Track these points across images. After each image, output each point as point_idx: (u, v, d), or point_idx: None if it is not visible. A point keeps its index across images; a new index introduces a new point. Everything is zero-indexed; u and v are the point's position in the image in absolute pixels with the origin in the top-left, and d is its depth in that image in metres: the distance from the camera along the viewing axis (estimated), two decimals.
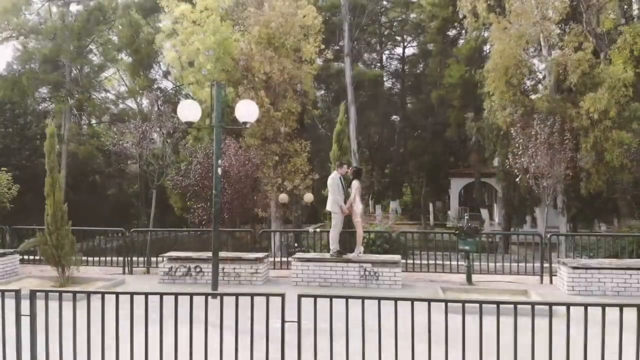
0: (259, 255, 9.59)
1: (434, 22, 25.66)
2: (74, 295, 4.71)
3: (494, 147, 17.52)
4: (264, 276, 9.43)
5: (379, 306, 4.24)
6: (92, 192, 30.85)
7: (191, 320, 4.36)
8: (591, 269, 8.65)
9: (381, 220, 22.28)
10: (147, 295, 4.48)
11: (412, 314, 4.18)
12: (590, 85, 16.95)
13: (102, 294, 4.56)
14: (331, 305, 4.33)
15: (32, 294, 4.73)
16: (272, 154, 18.85)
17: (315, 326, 4.26)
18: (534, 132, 12.18)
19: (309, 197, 19.86)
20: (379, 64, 33.86)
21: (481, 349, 4.12)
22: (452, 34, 27.98)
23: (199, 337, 4.30)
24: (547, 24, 17.22)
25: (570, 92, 17.30)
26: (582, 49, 16.75)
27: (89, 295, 4.63)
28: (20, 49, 26.46)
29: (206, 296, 4.48)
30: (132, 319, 4.46)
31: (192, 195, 13.36)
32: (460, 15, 20.03)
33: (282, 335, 4.28)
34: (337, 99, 28.87)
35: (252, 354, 4.25)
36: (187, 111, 8.21)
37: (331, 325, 4.29)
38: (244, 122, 8.35)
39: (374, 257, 9.27)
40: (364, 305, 4.21)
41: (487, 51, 19.75)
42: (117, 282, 9.40)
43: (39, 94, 27.61)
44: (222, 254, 8.85)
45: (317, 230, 11.47)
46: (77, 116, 26.69)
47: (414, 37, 32.38)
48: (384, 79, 35.03)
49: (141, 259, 11.38)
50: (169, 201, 31.07)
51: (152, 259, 11.28)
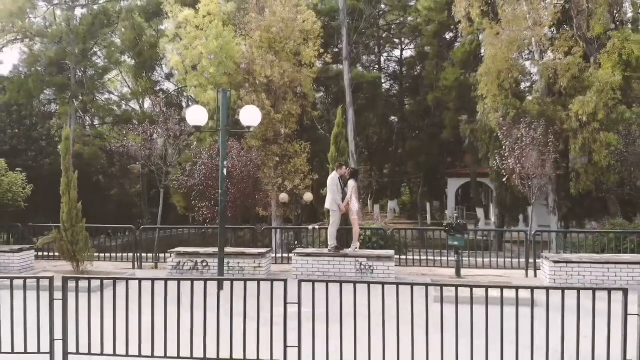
0: (262, 250, 10.20)
1: (431, 26, 26.30)
2: (102, 281, 5.33)
3: (487, 149, 18.14)
4: (266, 270, 10.04)
5: (369, 290, 4.88)
6: (96, 191, 31.37)
7: (205, 303, 5.00)
8: (571, 263, 9.28)
9: (379, 219, 22.92)
10: (166, 281, 5.11)
11: (398, 297, 4.82)
12: (580, 88, 17.55)
13: (127, 280, 5.19)
14: (327, 289, 4.97)
15: (64, 281, 5.36)
16: (273, 155, 19.46)
17: (313, 307, 4.89)
18: (520, 135, 12.83)
19: (308, 197, 20.48)
20: (377, 66, 34.48)
21: (472, 331, 4.75)
22: (448, 37, 28.59)
23: (212, 316, 4.94)
24: (538, 30, 17.83)
25: (560, 95, 17.91)
26: (572, 54, 17.36)
27: (115, 281, 5.26)
28: (26, 52, 27.07)
29: (219, 282, 5.11)
30: (152, 302, 5.09)
31: (196, 194, 13.97)
32: (455, 19, 20.66)
33: (285, 315, 4.90)
34: (336, 100, 29.48)
35: (258, 331, 4.88)
36: (195, 116, 8.82)
37: (327, 307, 4.92)
38: (248, 127, 8.97)
39: (369, 252, 9.89)
40: (355, 288, 4.84)
41: (482, 55, 20.31)
42: (129, 276, 9.99)
43: (44, 96, 28.20)
44: (226, 249, 9.45)
45: (317, 227, 12.08)
46: (82, 118, 27.25)
47: (411, 40, 33.01)
48: (383, 81, 35.64)
49: (148, 255, 12.02)
50: (171, 201, 31.69)
51: (159, 255, 11.94)
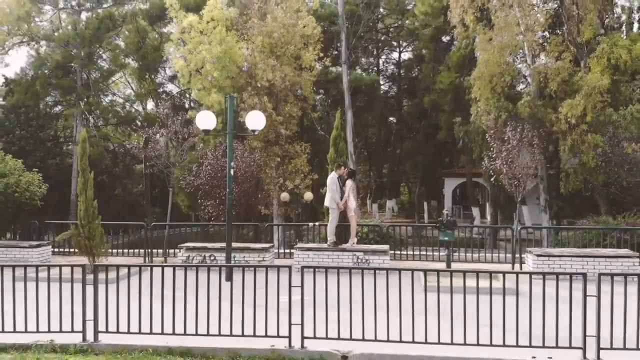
0: (265, 245, 10.93)
1: (427, 30, 27.00)
2: (129, 268, 6.07)
3: (480, 150, 18.84)
4: (270, 263, 10.74)
5: (362, 276, 5.63)
6: (100, 191, 32.02)
7: (220, 289, 5.76)
8: (553, 256, 10.01)
9: (377, 217, 23.63)
10: (186, 268, 5.84)
11: (387, 282, 5.56)
12: (569, 91, 18.26)
13: (151, 267, 5.91)
14: (326, 276, 5.72)
15: (96, 268, 6.08)
16: (275, 155, 20.16)
17: (314, 290, 5.64)
18: (506, 138, 13.53)
19: (308, 196, 21.21)
20: (375, 68, 35.19)
21: (465, 315, 5.50)
22: (445, 39, 29.26)
23: (226, 300, 5.69)
24: (530, 35, 18.54)
25: (551, 99, 18.60)
26: (562, 59, 18.08)
27: (140, 269, 5.99)
28: (33, 55, 27.76)
29: (231, 268, 5.85)
30: (173, 287, 5.83)
31: (202, 194, 14.68)
32: (450, 24, 21.36)
33: (289, 297, 5.64)
34: (335, 102, 30.19)
35: (266, 312, 5.63)
36: (205, 120, 9.54)
37: (326, 291, 5.66)
38: (253, 130, 9.69)
39: (365, 246, 10.61)
40: (351, 274, 5.59)
41: (476, 59, 20.96)
42: (137, 272, 10.69)
43: (50, 98, 28.89)
44: (232, 244, 10.15)
45: (317, 224, 12.80)
46: (88, 119, 27.94)
47: (409, 43, 33.72)
48: (381, 83, 36.35)
49: (155, 251, 12.72)
50: (173, 200, 32.35)
51: (168, 250, 12.67)
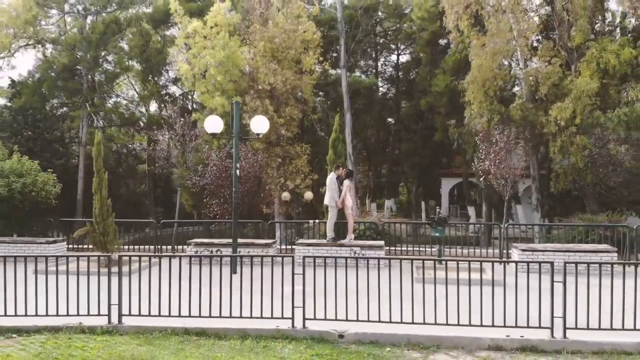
0: (268, 241, 11.66)
1: (424, 34, 27.69)
2: (149, 258, 6.79)
3: (473, 151, 19.56)
4: (272, 259, 11.45)
5: (357, 264, 6.36)
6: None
7: (231, 277, 6.48)
8: (536, 251, 10.74)
9: (374, 215, 24.35)
10: (201, 258, 6.57)
11: (379, 269, 6.27)
12: (560, 95, 18.98)
13: (169, 257, 6.64)
14: (325, 262, 6.45)
15: (120, 258, 6.81)
16: (276, 156, 20.87)
17: (314, 277, 6.37)
18: (494, 140, 14.25)
19: (308, 195, 21.93)
20: (374, 71, 35.90)
21: (447, 300, 6.23)
22: (443, 43, 29.93)
23: (236, 287, 6.42)
24: (522, 40, 19.26)
25: (542, 102, 19.32)
26: (552, 63, 18.80)
27: (160, 258, 6.71)
28: (41, 59, 28.50)
29: (241, 257, 6.60)
30: (190, 274, 6.56)
31: (208, 193, 15.39)
32: (446, 29, 22.07)
33: (292, 283, 6.37)
34: (334, 104, 30.90)
35: (272, 294, 6.36)
36: (213, 125, 10.27)
37: (325, 279, 6.39)
38: (258, 134, 10.42)
39: (362, 242, 11.34)
40: (346, 260, 6.32)
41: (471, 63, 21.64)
42: (153, 264, 11.42)
43: (57, 100, 29.61)
44: (238, 240, 10.87)
45: (317, 222, 13.52)
46: (93, 121, 28.65)
47: (407, 46, 34.43)
48: (380, 84, 37.07)
49: (165, 247, 13.45)
50: (175, 199, 33.10)
51: (176, 246, 13.40)
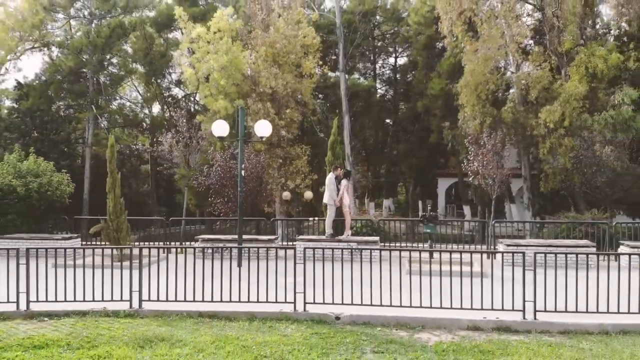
0: (271, 237, 12.45)
1: (421, 38, 28.48)
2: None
3: (466, 152, 20.36)
4: (275, 253, 12.25)
5: (352, 254, 7.15)
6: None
7: (240, 267, 7.28)
8: (520, 246, 11.52)
9: (372, 214, 25.10)
10: (213, 249, 7.37)
11: (371, 258, 7.07)
12: (549, 98, 19.77)
13: (184, 248, 7.44)
14: (324, 253, 7.25)
15: (140, 250, 7.60)
16: (277, 157, 21.66)
17: (314, 265, 7.17)
18: (482, 143, 15.05)
19: (308, 195, 22.73)
20: (372, 73, 36.72)
21: (430, 287, 7.02)
22: (438, 46, 30.72)
23: (244, 277, 7.22)
24: (513, 45, 20.05)
25: (532, 105, 20.12)
26: (542, 68, 19.59)
27: (177, 249, 7.51)
28: (48, 62, 29.31)
29: (248, 250, 7.39)
30: (205, 262, 7.37)
31: (213, 192, 16.18)
32: (441, 34, 22.86)
33: (295, 271, 7.17)
34: (333, 106, 31.71)
35: (276, 282, 7.16)
36: (219, 128, 11.07)
37: (323, 269, 7.20)
38: (261, 137, 11.22)
39: (358, 238, 12.11)
40: (342, 252, 7.11)
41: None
42: (162, 258, 12.21)
43: (63, 102, 30.40)
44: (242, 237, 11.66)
45: (316, 219, 14.32)
46: (98, 122, 29.45)
47: (404, 49, 35.23)
48: (378, 86, 37.89)
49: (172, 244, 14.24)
50: (177, 199, 33.96)
51: (183, 242, 14.20)
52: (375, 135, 39.59)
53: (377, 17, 33.30)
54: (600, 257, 11.66)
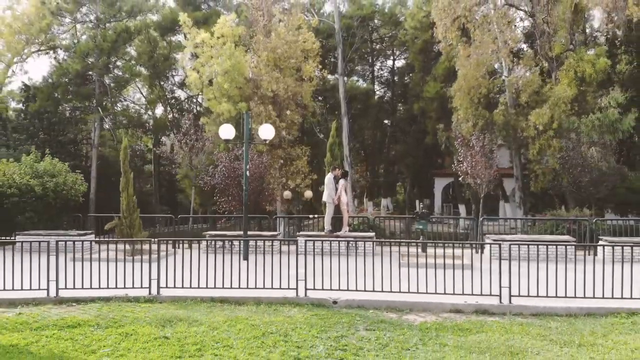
0: (274, 233, 13.31)
1: (417, 42, 29.33)
2: (183, 242, 8.43)
3: (457, 153, 21.21)
4: (278, 247, 13.12)
5: (347, 245, 8.02)
6: (114, 190, 34.53)
7: (248, 258, 8.13)
8: (506, 241, 12.36)
9: (370, 212, 26.01)
10: (224, 241, 8.22)
11: (364, 249, 7.93)
12: (539, 101, 20.62)
13: (199, 242, 8.28)
14: (322, 245, 8.11)
15: (159, 242, 8.46)
16: (278, 157, 22.49)
17: (314, 256, 8.03)
18: (471, 145, 15.90)
19: (308, 194, 23.58)
20: (370, 75, 37.61)
21: (417, 276, 7.88)
22: (434, 50, 31.55)
23: (251, 263, 8.07)
24: (505, 51, 20.89)
25: (523, 107, 20.97)
26: (532, 72, 20.44)
27: (190, 242, 8.36)
28: (55, 65, 30.17)
29: (256, 241, 8.25)
30: (215, 256, 8.21)
31: (218, 191, 17.02)
32: (436, 39, 23.71)
33: (297, 262, 8.02)
34: (333, 108, 32.58)
35: (280, 272, 8.02)
36: (226, 132, 11.92)
37: (322, 259, 8.06)
38: (264, 140, 12.08)
39: (355, 234, 12.98)
40: (338, 243, 7.98)
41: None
42: (171, 253, 13.06)
43: (69, 104, 31.23)
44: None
45: (316, 217, 15.18)
46: (103, 124, 30.29)
47: (402, 51, 36.10)
48: (376, 88, 38.78)
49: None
50: (179, 198, 34.83)
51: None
52: (373, 135, 40.47)
53: (375, 21, 34.16)
54: (577, 250, 12.58)
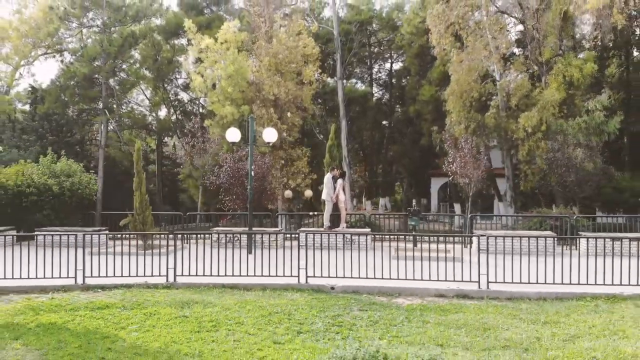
0: (277, 229, 14.27)
1: (414, 44, 30.28)
2: (196, 236, 9.40)
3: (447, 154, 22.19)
4: (280, 243, 14.08)
5: (343, 238, 8.99)
6: (119, 190, 35.49)
7: (254, 250, 9.10)
8: (492, 236, 13.32)
9: (367, 210, 26.98)
10: (228, 234, 9.18)
11: (358, 241, 8.91)
12: (529, 104, 21.57)
13: (211, 235, 9.25)
14: (322, 238, 9.08)
15: (175, 236, 9.43)
16: (279, 158, 23.44)
17: (314, 247, 9.00)
18: (460, 147, 16.86)
19: (308, 193, 24.55)
20: (369, 78, 38.60)
21: (406, 265, 8.85)
22: (430, 54, 32.50)
23: (257, 255, 9.03)
24: (496, 56, 21.85)
25: (514, 111, 21.92)
26: (522, 77, 21.40)
27: (204, 234, 9.33)
28: (63, 68, 31.08)
29: (262, 234, 9.23)
30: (225, 249, 9.17)
31: (223, 190, 17.97)
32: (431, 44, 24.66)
33: (299, 253, 8.99)
34: (332, 110, 33.55)
35: (284, 263, 8.98)
36: (232, 135, 12.89)
37: (321, 251, 9.03)
38: (268, 142, 13.05)
39: (352, 229, 13.95)
40: (335, 237, 8.95)
41: None
42: (181, 247, 14.01)
43: (77, 106, 32.14)
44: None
45: (315, 214, 16.14)
46: (108, 125, 31.22)
47: (399, 55, 37.06)
48: (375, 90, 39.74)
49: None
50: (181, 198, 35.84)
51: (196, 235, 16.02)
52: (372, 136, 41.42)
53: (374, 26, 35.13)
54: (560, 245, 13.57)
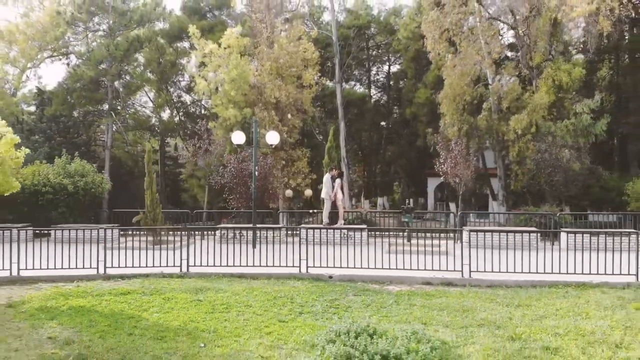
0: (279, 225, 15.21)
1: (410, 48, 31.22)
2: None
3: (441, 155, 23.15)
4: (282, 239, 15.02)
5: (341, 233, 9.96)
6: (123, 189, 36.44)
7: (259, 244, 10.06)
8: (481, 231, 14.27)
9: (365, 209, 27.88)
10: (234, 229, 10.14)
11: (354, 235, 9.87)
12: (520, 107, 22.52)
13: (221, 229, 10.20)
14: (321, 233, 10.05)
15: (189, 231, 10.38)
16: (280, 159, 24.38)
17: (314, 241, 9.95)
18: (450, 148, 17.80)
19: (308, 193, 25.48)
20: (367, 80, 39.58)
21: (396, 258, 9.80)
22: (426, 58, 33.43)
23: (262, 251, 9.99)
24: (488, 61, 22.79)
25: (505, 113, 22.88)
26: (513, 81, 22.36)
27: (214, 229, 10.27)
28: (70, 71, 32.02)
29: (267, 230, 10.18)
30: (234, 242, 10.13)
31: (227, 190, 18.93)
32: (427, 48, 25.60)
33: (300, 246, 9.94)
34: (331, 112, 34.49)
35: (287, 255, 9.94)
36: (238, 137, 13.84)
37: (320, 245, 9.99)
38: (271, 144, 14.00)
39: (349, 226, 14.90)
40: (334, 233, 9.92)
41: None
42: (191, 242, 14.94)
43: (84, 108, 33.11)
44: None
45: (315, 211, 17.09)
46: (117, 126, 32.21)
47: (397, 58, 38.03)
48: (373, 92, 40.69)
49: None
50: (183, 197, 36.81)
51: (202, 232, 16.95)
52: (370, 137, 42.37)
53: (372, 30, 36.08)
54: (543, 240, 14.54)
